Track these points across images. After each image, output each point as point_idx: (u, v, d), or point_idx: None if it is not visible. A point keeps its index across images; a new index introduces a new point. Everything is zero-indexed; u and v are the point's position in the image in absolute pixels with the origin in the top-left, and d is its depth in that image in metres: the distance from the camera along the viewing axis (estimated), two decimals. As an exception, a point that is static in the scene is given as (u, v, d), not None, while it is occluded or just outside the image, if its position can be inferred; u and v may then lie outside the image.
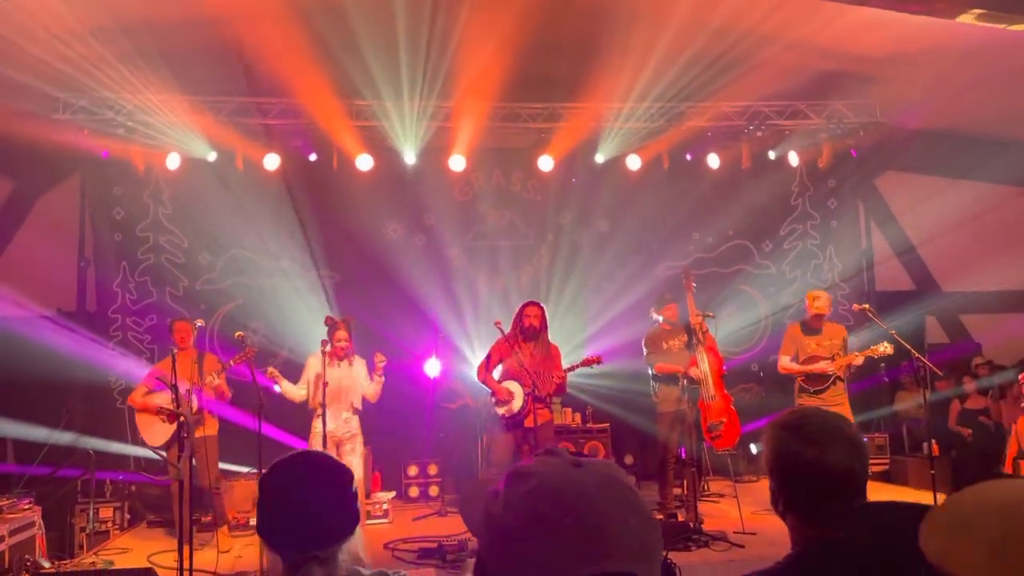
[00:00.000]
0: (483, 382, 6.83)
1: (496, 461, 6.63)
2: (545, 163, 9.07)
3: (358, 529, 1.77)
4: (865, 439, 1.80)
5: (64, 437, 7.69)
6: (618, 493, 0.90)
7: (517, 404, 6.60)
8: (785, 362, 6.93)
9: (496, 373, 6.83)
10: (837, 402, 6.53)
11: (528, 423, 6.46)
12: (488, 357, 6.90)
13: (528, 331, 6.67)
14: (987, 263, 9.22)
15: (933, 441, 7.44)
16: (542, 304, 6.89)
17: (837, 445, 1.71)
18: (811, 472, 1.71)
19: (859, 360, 6.64)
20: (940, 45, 7.25)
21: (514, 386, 6.67)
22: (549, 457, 0.95)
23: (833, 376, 6.67)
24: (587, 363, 6.71)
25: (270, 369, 6.52)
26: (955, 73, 7.72)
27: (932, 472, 6.30)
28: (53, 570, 5.88)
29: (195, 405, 6.40)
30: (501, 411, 6.65)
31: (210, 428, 6.70)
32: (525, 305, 6.83)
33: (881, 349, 6.52)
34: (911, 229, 10.05)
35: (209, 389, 6.48)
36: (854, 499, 1.71)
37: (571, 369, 6.68)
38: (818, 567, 1.68)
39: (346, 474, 1.80)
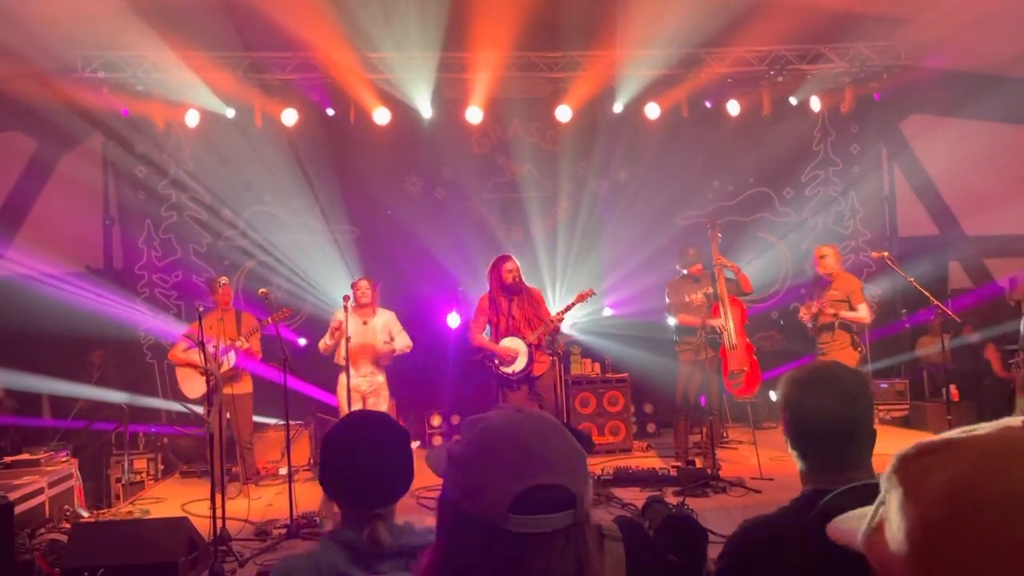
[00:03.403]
0: (480, 347, 6.78)
1: None
2: (563, 113, 8.98)
3: None
4: (870, 387, 1.90)
5: (97, 392, 7.90)
6: (548, 426, 1.10)
7: (522, 361, 6.65)
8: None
9: (486, 335, 6.82)
10: (828, 350, 6.85)
11: (535, 372, 6.65)
12: (475, 320, 6.87)
13: (511, 287, 6.65)
14: (1013, 206, 9.06)
15: (952, 387, 7.46)
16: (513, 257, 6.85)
17: (832, 395, 1.79)
18: (809, 420, 1.81)
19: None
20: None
21: (515, 343, 6.68)
22: (499, 408, 1.15)
23: (824, 324, 6.90)
24: (580, 299, 6.83)
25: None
26: (984, 12, 7.50)
27: (949, 418, 6.39)
28: (92, 519, 6.12)
29: (230, 361, 6.59)
30: (508, 371, 6.66)
31: (242, 386, 6.88)
32: (502, 260, 6.77)
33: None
34: (936, 173, 9.86)
35: (241, 349, 6.66)
36: (853, 447, 1.79)
37: (566, 310, 6.81)
38: (811, 515, 1.74)
39: (405, 436, 1.87)
